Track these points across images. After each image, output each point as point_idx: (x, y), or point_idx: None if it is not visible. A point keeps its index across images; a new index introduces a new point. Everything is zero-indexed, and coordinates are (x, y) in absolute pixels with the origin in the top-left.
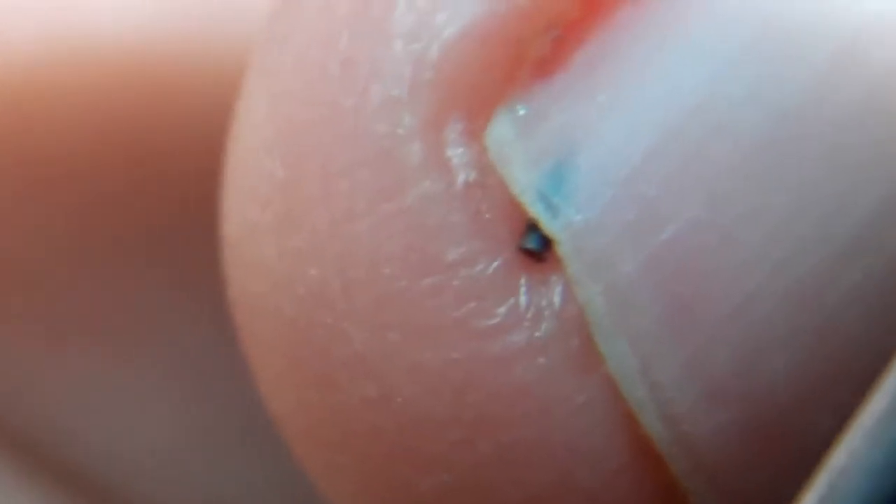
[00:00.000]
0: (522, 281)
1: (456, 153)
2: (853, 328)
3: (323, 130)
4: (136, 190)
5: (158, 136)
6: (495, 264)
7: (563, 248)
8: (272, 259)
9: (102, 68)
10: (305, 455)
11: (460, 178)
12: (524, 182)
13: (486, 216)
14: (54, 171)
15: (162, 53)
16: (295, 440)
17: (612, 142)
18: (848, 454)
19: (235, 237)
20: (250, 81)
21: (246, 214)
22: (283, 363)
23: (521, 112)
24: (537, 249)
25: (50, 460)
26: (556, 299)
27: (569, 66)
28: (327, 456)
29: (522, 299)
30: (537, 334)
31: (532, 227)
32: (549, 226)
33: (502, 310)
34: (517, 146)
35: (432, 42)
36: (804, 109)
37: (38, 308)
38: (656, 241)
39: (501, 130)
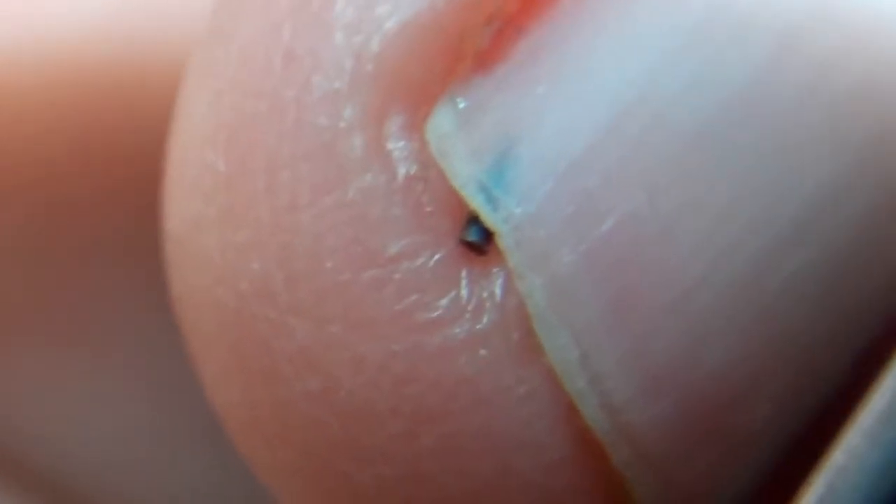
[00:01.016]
0: (464, 273)
1: (397, 146)
2: (792, 316)
3: (265, 123)
4: (103, 192)
5: (125, 137)
6: (437, 257)
7: (504, 240)
8: (215, 253)
9: (65, 69)
10: (249, 449)
11: (401, 171)
12: (465, 174)
13: (428, 209)
14: (20, 174)
15: (129, 54)
16: (238, 434)
17: (552, 134)
18: (847, 453)
19: (178, 231)
20: (192, 75)
21: (188, 209)
22: (226, 357)
23: (461, 105)
24: (479, 242)
25: (16, 464)
26: (498, 291)
27: (508, 58)
28: (271, 450)
29: (464, 292)
30: (479, 326)
31: (473, 220)
32: (489, 218)
33: (444, 302)
34: (457, 139)
35: (373, 35)
36: (745, 98)
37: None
38: (596, 233)
39: (441, 123)
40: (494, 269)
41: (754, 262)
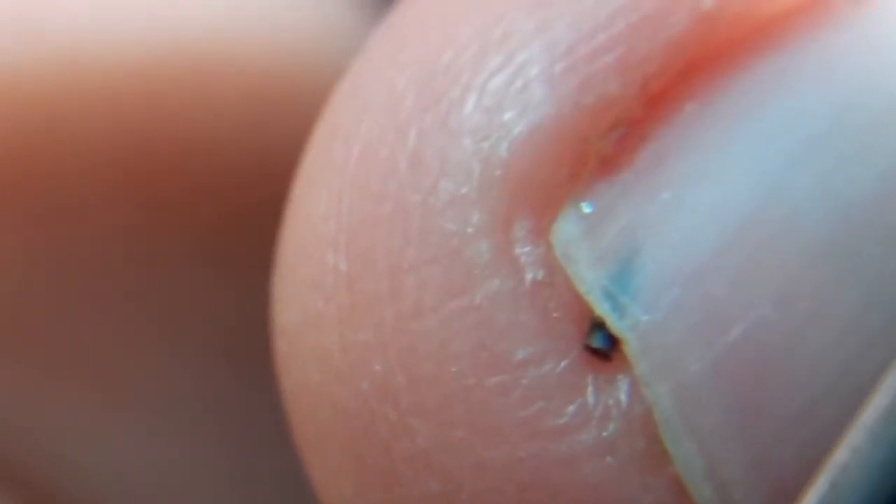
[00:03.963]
0: (590, 380)
1: (524, 251)
2: None
3: (389, 226)
4: (152, 213)
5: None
6: (563, 363)
7: (631, 347)
8: (334, 352)
9: (105, 77)
10: None
11: (528, 277)
12: (590, 281)
13: (555, 315)
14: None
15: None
16: None
17: (678, 240)
18: (850, 452)
19: (292, 327)
20: (309, 171)
21: (306, 306)
22: (340, 454)
23: (586, 210)
24: (604, 348)
25: (45, 493)
26: (624, 398)
27: (633, 164)
28: None
29: (590, 398)
30: (605, 434)
31: (598, 326)
32: (616, 325)
33: (570, 409)
34: (583, 244)
35: (501, 140)
36: (872, 203)
37: (36, 339)
38: (723, 342)
39: (567, 229)
40: (620, 376)
41: (881, 372)
